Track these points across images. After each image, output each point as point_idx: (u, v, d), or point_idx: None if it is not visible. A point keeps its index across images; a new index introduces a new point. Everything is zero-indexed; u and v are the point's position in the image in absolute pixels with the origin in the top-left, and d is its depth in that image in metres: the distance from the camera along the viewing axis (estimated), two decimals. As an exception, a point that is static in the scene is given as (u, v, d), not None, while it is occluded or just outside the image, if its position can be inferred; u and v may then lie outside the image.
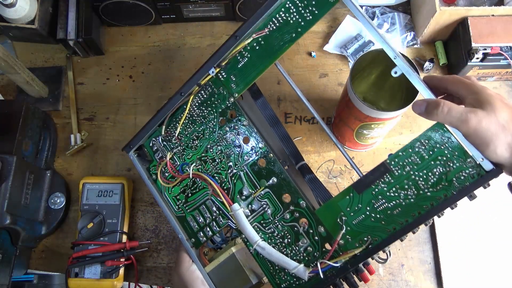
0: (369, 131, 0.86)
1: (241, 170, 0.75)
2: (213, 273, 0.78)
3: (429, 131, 0.62)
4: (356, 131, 0.88)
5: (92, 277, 0.90)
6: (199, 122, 0.78)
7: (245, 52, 0.73)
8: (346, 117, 0.87)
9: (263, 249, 0.71)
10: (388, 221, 0.64)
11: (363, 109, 0.78)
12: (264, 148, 0.73)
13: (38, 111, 0.98)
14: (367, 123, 0.82)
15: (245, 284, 0.76)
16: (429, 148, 0.62)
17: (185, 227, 0.80)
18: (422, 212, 0.61)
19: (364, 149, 1.00)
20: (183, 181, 0.79)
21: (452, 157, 0.60)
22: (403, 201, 0.63)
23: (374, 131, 0.86)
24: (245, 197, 0.74)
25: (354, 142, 0.94)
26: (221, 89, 0.75)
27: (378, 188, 0.64)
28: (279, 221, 0.72)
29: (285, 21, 0.71)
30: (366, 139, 0.92)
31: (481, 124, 0.55)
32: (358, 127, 0.86)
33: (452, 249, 0.91)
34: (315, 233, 0.69)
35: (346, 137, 0.95)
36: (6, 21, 0.98)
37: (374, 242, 0.64)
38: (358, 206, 0.66)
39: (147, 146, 0.82)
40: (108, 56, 1.12)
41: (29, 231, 0.90)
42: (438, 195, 0.61)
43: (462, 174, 0.60)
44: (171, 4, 1.04)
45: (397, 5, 1.10)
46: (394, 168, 0.63)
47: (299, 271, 0.69)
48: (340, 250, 0.67)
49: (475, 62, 0.96)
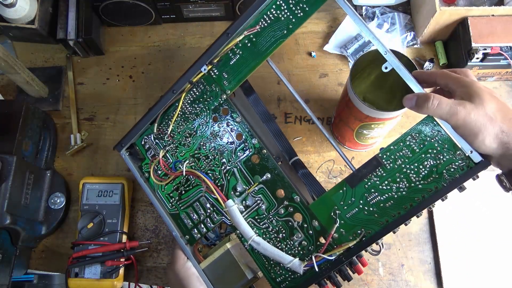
0: (369, 131, 0.86)
1: (234, 167, 0.76)
2: (208, 269, 0.78)
3: (419, 125, 0.63)
4: (356, 131, 0.88)
5: (92, 277, 0.91)
6: (191, 120, 0.78)
7: (237, 49, 0.74)
8: (346, 117, 0.87)
9: (258, 244, 0.72)
10: (381, 214, 0.65)
11: (363, 109, 0.79)
12: (257, 144, 0.74)
13: (38, 111, 0.99)
14: (367, 123, 0.83)
15: (240, 279, 0.77)
16: (419, 142, 0.63)
17: (179, 225, 0.80)
18: (414, 204, 0.63)
19: (364, 149, 1.00)
20: (176, 179, 0.80)
21: (442, 150, 0.61)
22: (395, 194, 0.64)
23: (374, 131, 0.86)
24: (239, 193, 0.75)
25: (354, 142, 0.95)
26: (213, 86, 0.76)
27: (371, 182, 0.66)
28: (273, 216, 0.73)
29: (276, 18, 0.71)
30: (366, 139, 0.92)
31: (469, 116, 0.56)
32: (358, 127, 0.86)
33: (452, 249, 0.91)
34: (310, 227, 0.70)
35: (346, 137, 0.95)
36: (6, 21, 0.99)
37: (368, 234, 0.66)
38: (352, 199, 0.67)
39: (139, 145, 0.83)
40: (108, 56, 1.13)
41: (29, 231, 0.91)
42: (429, 187, 0.62)
43: (452, 166, 0.61)
44: (171, 4, 1.05)
45: (397, 5, 1.11)
46: (386, 162, 0.64)
47: (294, 265, 0.69)
48: (334, 243, 0.68)
49: (475, 62, 0.97)
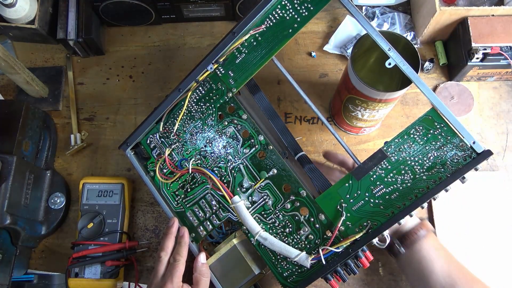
0: (354, 107, 0.90)
1: (241, 163, 0.80)
2: (214, 266, 0.82)
3: (423, 118, 0.69)
4: (344, 104, 0.92)
5: (92, 277, 0.93)
6: (197, 118, 0.83)
7: (243, 48, 0.79)
8: (340, 86, 0.93)
9: (265, 240, 0.76)
10: (387, 206, 0.70)
11: (351, 76, 0.83)
12: (263, 140, 0.78)
13: (38, 111, 1.01)
14: (353, 96, 0.87)
15: (247, 275, 0.81)
16: (423, 134, 0.68)
17: (185, 222, 0.84)
18: (418, 196, 0.68)
19: (350, 132, 1.05)
20: (182, 177, 0.84)
21: (446, 142, 0.67)
22: (400, 185, 0.69)
23: (358, 110, 0.90)
24: (245, 190, 0.79)
25: (342, 119, 0.99)
26: (219, 84, 0.81)
27: (376, 174, 0.71)
28: (280, 211, 0.77)
29: (281, 18, 0.77)
30: (351, 119, 0.96)
31: None
32: (345, 99, 0.90)
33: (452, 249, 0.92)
34: (316, 221, 0.74)
35: (336, 109, 1.00)
36: (6, 21, 1.01)
37: (374, 226, 0.70)
38: (357, 192, 0.72)
39: (144, 144, 0.87)
40: (108, 56, 1.16)
41: (29, 231, 0.93)
42: (433, 178, 0.67)
43: (455, 157, 0.66)
44: (171, 4, 1.07)
45: (397, 5, 1.14)
46: (390, 155, 0.70)
47: (301, 258, 0.73)
48: (341, 236, 0.73)
49: (475, 62, 0.99)
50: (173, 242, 0.82)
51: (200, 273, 0.79)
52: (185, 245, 0.81)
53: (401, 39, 0.83)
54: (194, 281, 0.79)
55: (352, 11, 0.72)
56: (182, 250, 0.80)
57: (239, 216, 0.78)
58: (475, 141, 0.64)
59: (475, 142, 0.64)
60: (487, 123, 1.06)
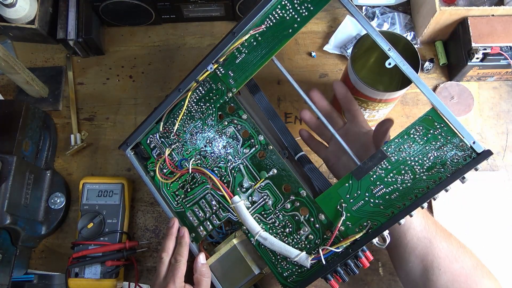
0: None
1: (241, 163, 0.80)
2: (214, 266, 0.83)
3: (423, 118, 0.69)
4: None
5: (92, 277, 0.94)
6: (197, 118, 0.83)
7: (243, 48, 0.79)
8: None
9: (265, 239, 0.76)
10: (387, 206, 0.70)
11: (350, 73, 0.84)
12: (263, 140, 0.79)
13: (38, 111, 1.02)
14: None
15: (247, 275, 0.81)
16: (423, 134, 0.68)
17: (185, 222, 0.85)
18: (418, 196, 0.68)
19: None
20: (182, 177, 0.84)
21: (446, 141, 0.67)
22: (400, 185, 0.69)
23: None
24: (245, 189, 0.79)
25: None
26: (219, 84, 0.81)
27: (376, 174, 0.71)
28: (280, 211, 0.77)
29: (281, 18, 0.77)
30: None
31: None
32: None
33: None
34: (316, 221, 0.75)
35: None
36: (6, 21, 1.01)
37: (374, 226, 0.70)
38: (357, 192, 0.72)
39: (144, 144, 0.87)
40: (108, 56, 1.16)
41: (29, 231, 0.93)
42: (433, 178, 0.67)
43: (455, 157, 0.66)
44: (171, 4, 1.08)
45: (397, 5, 1.14)
46: (390, 155, 0.70)
47: (301, 258, 0.73)
48: (341, 236, 0.73)
49: (475, 62, 1.00)
50: (173, 242, 0.83)
51: (200, 274, 0.80)
52: (185, 245, 0.82)
53: (401, 39, 0.83)
54: (195, 282, 0.80)
55: (352, 11, 0.72)
56: (183, 250, 0.81)
57: (239, 216, 0.78)
58: (475, 141, 0.65)
59: (475, 142, 0.65)
60: (487, 123, 1.06)
